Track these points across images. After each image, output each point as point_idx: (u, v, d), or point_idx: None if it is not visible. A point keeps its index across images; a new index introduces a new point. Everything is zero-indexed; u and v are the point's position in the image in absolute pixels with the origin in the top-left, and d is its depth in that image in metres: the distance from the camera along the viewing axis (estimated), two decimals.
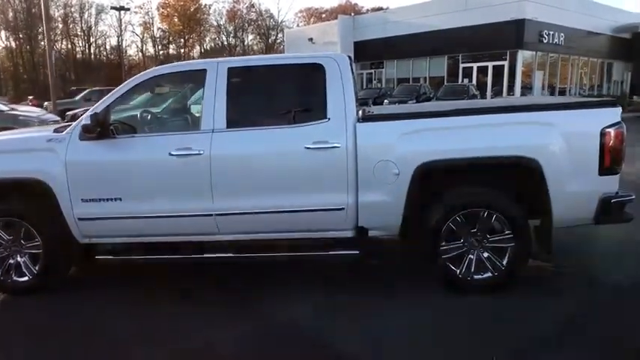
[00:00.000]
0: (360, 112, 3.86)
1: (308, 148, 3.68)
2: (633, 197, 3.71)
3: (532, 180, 3.61)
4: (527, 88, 25.24)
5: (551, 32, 24.89)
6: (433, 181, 3.72)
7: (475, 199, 3.67)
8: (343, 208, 3.75)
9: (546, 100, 4.18)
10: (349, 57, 4.29)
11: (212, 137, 3.76)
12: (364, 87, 30.51)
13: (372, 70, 32.39)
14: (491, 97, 23.85)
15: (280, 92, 4.02)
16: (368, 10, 52.07)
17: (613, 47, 30.05)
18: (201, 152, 3.72)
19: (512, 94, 24.26)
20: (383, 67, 31.61)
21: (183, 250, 3.92)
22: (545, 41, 24.85)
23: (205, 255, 3.90)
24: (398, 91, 23.91)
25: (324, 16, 59.32)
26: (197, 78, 3.96)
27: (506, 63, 24.90)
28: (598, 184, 3.63)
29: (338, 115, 3.72)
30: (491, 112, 3.67)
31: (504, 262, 3.73)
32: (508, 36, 23.74)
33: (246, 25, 60.45)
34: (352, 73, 4.07)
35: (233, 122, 3.80)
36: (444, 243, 3.74)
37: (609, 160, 3.56)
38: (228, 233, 3.92)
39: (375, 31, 29.83)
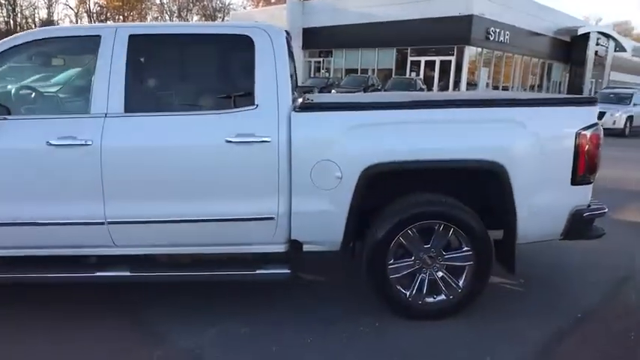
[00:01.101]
0: (299, 99, 3.14)
1: (229, 141, 2.93)
2: (606, 210, 3.23)
3: (496, 188, 3.06)
4: (472, 85, 25.43)
5: (498, 30, 25.16)
6: (382, 186, 3.09)
7: (430, 210, 3.06)
8: (273, 218, 3.05)
9: (514, 95, 3.61)
10: (287, 32, 3.57)
11: (104, 124, 2.93)
12: (312, 76, 29.79)
13: (321, 59, 31.69)
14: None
15: (196, 70, 3.22)
16: None
17: (553, 48, 30.95)
18: (89, 142, 2.88)
19: (458, 90, 24.35)
20: (332, 57, 30.97)
21: (62, 267, 3.07)
22: (491, 38, 25.08)
23: (92, 274, 3.07)
24: (346, 81, 23.40)
25: (273, 1, 57.85)
26: (88, 46, 3.08)
27: (453, 58, 24.94)
28: (570, 195, 3.12)
29: (269, 102, 3.00)
30: (454, 106, 3.06)
31: (461, 283, 3.16)
32: (456, 31, 23.71)
33: (191, 5, 57.91)
34: (289, 51, 3.36)
35: (133, 105, 2.98)
36: (392, 260, 3.12)
37: (584, 168, 3.05)
38: (127, 246, 3.11)
39: (325, 19, 29.10)
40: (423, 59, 26.11)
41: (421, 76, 25.24)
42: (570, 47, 31.83)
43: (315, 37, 30.00)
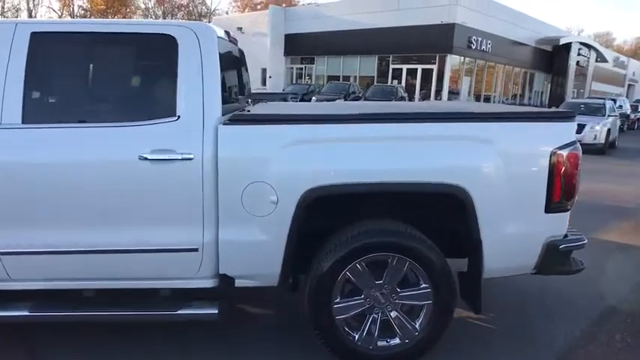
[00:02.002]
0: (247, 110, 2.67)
1: (144, 158, 2.47)
2: (585, 242, 2.82)
3: (459, 216, 2.63)
4: (454, 94, 25.24)
5: (480, 39, 25.02)
6: (326, 213, 2.64)
7: (383, 241, 2.61)
8: (197, 249, 2.58)
9: (481, 108, 3.20)
10: (227, 32, 3.12)
11: None
12: (294, 82, 29.40)
13: (303, 66, 31.31)
14: (419, 100, 23.55)
15: (109, 74, 2.72)
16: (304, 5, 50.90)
17: (535, 58, 30.98)
18: None
19: (440, 99, 24.12)
20: (314, 63, 30.61)
21: None
22: (473, 47, 24.92)
23: None
24: (327, 88, 23.06)
25: (259, 7, 57.40)
26: None
27: (435, 67, 24.72)
28: (543, 224, 2.71)
29: (192, 113, 2.54)
30: (410, 120, 2.62)
31: (418, 325, 2.73)
32: (438, 40, 23.50)
33: (176, 10, 57.23)
34: (237, 56, 2.93)
35: (32, 115, 2.51)
36: (338, 299, 2.67)
37: (560, 193, 2.64)
38: (25, 280, 2.62)
39: (307, 25, 28.76)
40: (404, 67, 25.86)
41: (403, 84, 24.98)
42: (552, 57, 31.91)
43: (298, 44, 29.66)
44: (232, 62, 3.24)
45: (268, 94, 10.88)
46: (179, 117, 2.53)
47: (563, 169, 2.61)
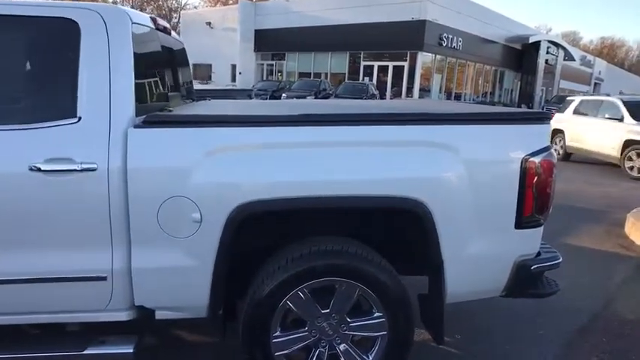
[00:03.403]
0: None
1: (36, 169, 2.01)
2: (560, 260, 2.50)
3: (417, 233, 2.27)
4: (425, 91, 25.13)
5: (451, 36, 24.97)
6: (261, 232, 2.25)
7: (329, 263, 2.21)
8: (105, 277, 2.14)
9: (444, 108, 2.83)
10: (153, 18, 2.68)
11: None
12: (264, 79, 28.86)
13: (274, 62, 30.78)
14: (390, 98, 23.34)
15: None
16: None
17: (505, 56, 31.18)
18: None
19: (411, 96, 23.98)
20: (284, 60, 30.10)
21: None
22: (444, 45, 24.86)
23: None
24: (297, 85, 22.60)
25: (230, 2, 56.41)
26: None
27: (406, 64, 24.56)
28: (513, 242, 2.36)
29: (96, 114, 2.09)
30: (360, 123, 2.23)
31: (371, 358, 2.35)
32: (409, 36, 23.35)
33: (145, 4, 55.74)
34: (157, 44, 2.50)
35: None
36: (278, 332, 2.27)
37: (532, 206, 2.29)
38: None
39: (278, 21, 28.25)
40: (376, 64, 25.62)
41: (374, 81, 24.74)
42: (522, 55, 32.18)
43: (268, 40, 29.14)
44: (160, 55, 2.80)
45: (232, 91, 10.38)
46: (80, 118, 2.08)
47: (536, 178, 2.26)
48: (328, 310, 2.29)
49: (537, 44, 31.48)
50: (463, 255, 2.29)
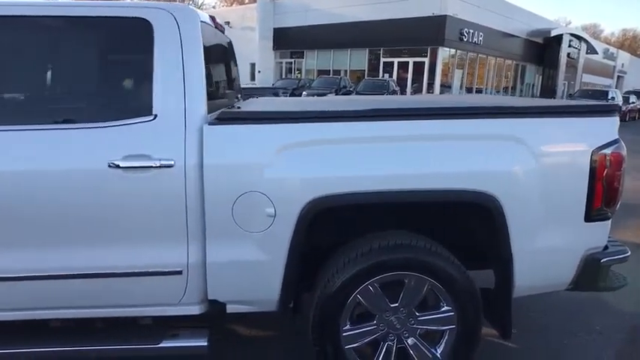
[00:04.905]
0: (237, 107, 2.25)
1: (115, 165, 2.06)
2: (628, 254, 2.47)
3: (486, 227, 2.27)
4: (446, 87, 24.93)
5: (471, 31, 24.71)
6: (332, 227, 2.27)
7: (400, 257, 2.23)
8: (180, 272, 2.19)
9: (506, 102, 2.82)
10: (212, 18, 2.72)
11: None
12: (283, 77, 28.91)
13: (293, 60, 30.81)
14: (412, 94, 23.20)
15: (70, 66, 2.28)
16: None
17: (526, 50, 30.77)
18: None
19: (432, 92, 23.81)
20: (303, 57, 30.11)
21: None
22: (465, 40, 24.62)
23: None
24: (317, 83, 22.56)
25: (246, 1, 56.67)
26: None
27: (426, 60, 24.38)
28: (582, 235, 2.35)
29: (172, 112, 2.13)
30: (431, 117, 2.23)
31: (440, 353, 2.36)
32: (429, 32, 23.14)
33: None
34: (220, 43, 2.53)
35: None
36: (347, 325, 2.29)
37: (601, 199, 2.28)
38: None
39: (297, 19, 28.25)
40: (396, 60, 25.48)
41: (394, 77, 24.61)
42: (543, 49, 31.72)
43: (287, 38, 29.16)
44: (218, 52, 2.84)
45: (258, 89, 10.44)
46: (156, 116, 2.13)
47: (606, 171, 2.25)
48: (397, 304, 2.30)
49: (559, 38, 31.01)
50: (532, 248, 2.28)
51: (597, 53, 36.88)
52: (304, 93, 20.10)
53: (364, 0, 24.82)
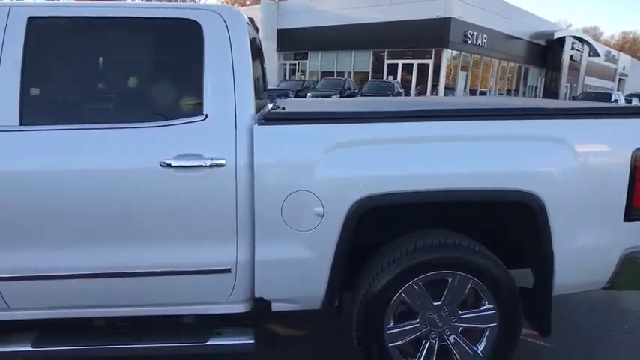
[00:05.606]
0: (269, 106, 2.29)
1: (167, 165, 2.10)
2: None
3: (528, 227, 2.30)
4: (449, 89, 24.98)
5: (475, 33, 24.77)
6: (379, 226, 2.30)
7: (444, 256, 2.27)
8: (229, 270, 2.22)
9: (546, 104, 2.86)
10: (251, 19, 2.75)
11: None
12: (286, 78, 28.97)
13: (296, 62, 30.86)
14: (416, 96, 23.25)
15: (122, 67, 2.34)
16: None
17: (529, 53, 30.83)
18: None
19: (436, 94, 23.86)
20: (307, 59, 30.17)
21: None
22: (469, 42, 24.68)
23: None
24: (321, 84, 22.61)
25: (248, 3, 56.79)
26: None
27: (431, 62, 24.43)
28: (621, 234, 2.38)
29: (222, 112, 2.17)
30: (475, 118, 2.28)
31: (481, 350, 2.39)
32: (434, 34, 23.21)
33: None
34: (256, 45, 2.56)
35: (32, 115, 2.12)
36: (391, 323, 2.33)
37: None
38: (26, 309, 2.24)
39: (300, 20, 28.31)
40: (400, 62, 25.53)
41: (398, 79, 24.66)
42: (546, 51, 31.79)
43: (290, 39, 29.21)
44: (255, 53, 2.87)
45: (269, 90, 10.47)
46: (207, 116, 2.16)
47: None
48: (440, 302, 2.33)
49: (562, 40, 31.08)
50: (572, 247, 2.32)
51: (599, 56, 36.93)
52: (309, 94, 20.14)
53: (369, 2, 24.89)
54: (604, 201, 2.32)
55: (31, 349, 2.21)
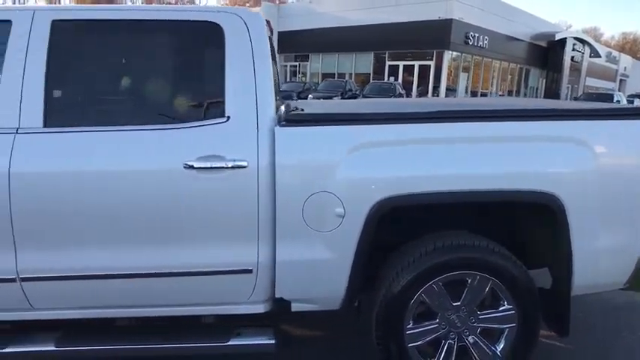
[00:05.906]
0: (283, 108, 2.32)
1: (189, 166, 2.11)
2: None
3: (548, 227, 2.31)
4: (451, 90, 25.00)
5: (477, 35, 24.82)
6: (399, 227, 2.31)
7: (464, 257, 2.28)
8: (251, 270, 2.23)
9: (566, 105, 2.87)
10: (268, 22, 2.76)
11: (15, 142, 2.08)
12: (288, 80, 28.99)
13: (297, 63, 30.90)
14: (417, 97, 23.27)
15: (144, 69, 2.34)
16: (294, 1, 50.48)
17: (530, 54, 30.88)
18: None
19: (437, 95, 23.89)
20: (308, 61, 30.21)
21: None
22: (470, 43, 24.72)
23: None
24: (323, 86, 22.64)
25: (248, 4, 56.93)
26: None
27: (432, 63, 24.47)
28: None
29: (244, 113, 2.18)
30: (495, 119, 2.29)
31: (499, 350, 2.40)
32: (435, 35, 23.25)
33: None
34: (272, 46, 2.56)
35: (56, 117, 2.14)
36: (411, 323, 2.34)
37: None
38: (49, 309, 2.25)
39: (301, 22, 28.35)
40: (401, 64, 25.57)
41: (399, 81, 24.68)
42: (547, 52, 31.83)
43: (291, 41, 29.22)
44: (272, 54, 2.89)
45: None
46: (228, 118, 2.18)
47: None
48: (459, 303, 2.34)
49: (563, 41, 31.12)
50: (591, 248, 2.33)
51: (600, 56, 36.99)
52: (310, 96, 20.16)
53: (369, 3, 24.94)
54: (623, 202, 2.33)
55: (54, 348, 2.22)
